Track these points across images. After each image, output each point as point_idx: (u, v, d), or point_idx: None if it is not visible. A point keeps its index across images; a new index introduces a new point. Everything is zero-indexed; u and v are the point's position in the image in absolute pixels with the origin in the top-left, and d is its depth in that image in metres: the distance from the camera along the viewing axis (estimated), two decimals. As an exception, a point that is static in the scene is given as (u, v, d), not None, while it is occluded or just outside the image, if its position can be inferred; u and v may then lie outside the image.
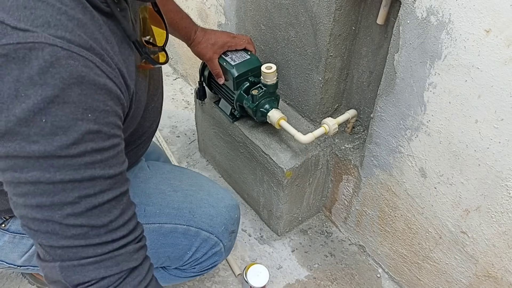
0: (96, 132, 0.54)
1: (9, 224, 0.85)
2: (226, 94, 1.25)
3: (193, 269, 1.01)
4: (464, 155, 0.89)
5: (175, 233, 0.94)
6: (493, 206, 0.89)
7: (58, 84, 0.50)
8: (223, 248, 1.00)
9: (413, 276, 1.21)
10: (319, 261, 1.34)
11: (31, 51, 0.49)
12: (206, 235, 0.97)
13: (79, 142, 0.53)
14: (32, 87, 0.50)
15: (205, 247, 0.98)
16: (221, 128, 1.37)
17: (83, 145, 0.53)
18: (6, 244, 0.86)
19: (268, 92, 1.14)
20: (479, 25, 0.74)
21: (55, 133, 0.51)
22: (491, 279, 0.98)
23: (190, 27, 1.14)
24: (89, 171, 0.55)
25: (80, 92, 0.52)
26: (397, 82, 0.95)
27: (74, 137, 0.52)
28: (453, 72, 0.83)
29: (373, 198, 1.20)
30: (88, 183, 0.55)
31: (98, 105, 0.54)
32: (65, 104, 0.51)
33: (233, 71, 1.14)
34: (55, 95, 0.50)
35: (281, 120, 1.13)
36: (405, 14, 0.86)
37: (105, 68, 0.55)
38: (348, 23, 1.06)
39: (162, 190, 0.96)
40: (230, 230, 1.01)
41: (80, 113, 0.52)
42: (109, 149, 0.57)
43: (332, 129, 1.12)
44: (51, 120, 0.51)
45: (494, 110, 0.79)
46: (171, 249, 0.95)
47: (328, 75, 1.15)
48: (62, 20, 0.52)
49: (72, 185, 0.54)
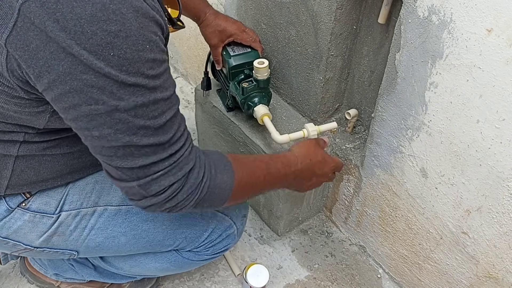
0: (153, 60, 0.61)
1: (29, 203, 0.86)
2: (223, 83, 1.26)
3: (207, 251, 1.04)
4: (466, 155, 0.89)
5: (193, 214, 0.98)
6: (494, 207, 0.88)
7: (119, 19, 0.56)
8: (236, 231, 1.05)
9: (413, 276, 1.20)
10: (319, 261, 1.33)
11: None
12: (222, 216, 1.02)
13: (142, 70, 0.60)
14: (97, 23, 0.55)
15: (220, 229, 1.02)
16: (221, 128, 1.37)
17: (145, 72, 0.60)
18: (25, 224, 0.87)
19: (258, 87, 1.14)
20: (481, 25, 0.74)
21: (122, 64, 0.58)
22: (492, 279, 0.98)
23: (199, 8, 1.13)
24: (153, 95, 0.62)
25: (138, 26, 0.58)
26: (398, 82, 0.95)
27: (138, 66, 0.59)
28: (454, 71, 0.82)
29: (373, 198, 1.20)
30: (153, 106, 0.63)
31: (151, 36, 0.60)
32: (127, 37, 0.57)
33: (230, 61, 1.15)
34: (118, 29, 0.56)
35: (265, 117, 1.12)
36: (406, 13, 0.86)
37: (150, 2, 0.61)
38: (349, 22, 1.06)
39: None
40: (242, 213, 1.07)
41: (141, 45, 0.58)
42: (164, 72, 0.64)
43: (311, 135, 1.11)
44: (118, 53, 0.57)
45: (496, 110, 0.79)
46: (188, 229, 0.99)
47: (329, 75, 1.14)
48: None
49: (142, 109, 0.62)
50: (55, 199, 0.88)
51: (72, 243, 0.93)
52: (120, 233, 0.94)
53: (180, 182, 0.71)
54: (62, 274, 1.15)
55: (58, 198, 0.88)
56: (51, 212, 0.88)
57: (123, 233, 0.94)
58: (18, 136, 0.76)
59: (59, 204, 0.88)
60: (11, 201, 0.85)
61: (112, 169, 0.68)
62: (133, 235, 0.95)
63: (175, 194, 0.71)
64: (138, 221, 0.95)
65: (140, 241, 0.97)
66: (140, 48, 0.58)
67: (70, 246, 0.93)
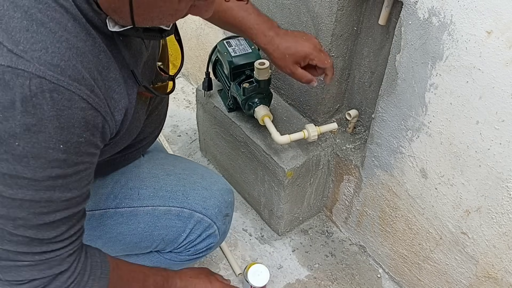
0: (63, 160, 0.57)
1: None
2: (224, 83, 1.27)
3: (188, 252, 1.02)
4: (465, 156, 0.89)
5: (169, 215, 0.96)
6: (493, 207, 0.89)
7: (37, 114, 0.52)
8: (217, 231, 1.02)
9: (413, 276, 1.21)
10: (319, 261, 1.34)
11: (18, 77, 0.51)
12: (200, 216, 0.98)
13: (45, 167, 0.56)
14: (12, 111, 0.51)
15: (199, 229, 0.99)
16: (222, 128, 1.37)
17: (48, 170, 0.56)
18: None
19: (259, 88, 1.14)
20: (481, 27, 0.74)
21: (25, 156, 0.54)
22: (491, 280, 0.98)
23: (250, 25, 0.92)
24: (49, 193, 0.58)
25: (57, 125, 0.54)
26: (398, 83, 0.95)
27: (42, 163, 0.55)
28: (454, 73, 0.83)
29: (374, 199, 1.21)
30: (45, 203, 0.59)
31: (72, 137, 0.56)
32: (40, 133, 0.53)
33: (231, 62, 1.15)
34: (33, 123, 0.52)
35: (265, 117, 1.13)
36: (407, 15, 0.86)
37: (92, 100, 0.57)
38: (350, 23, 1.06)
39: (155, 174, 0.98)
40: (224, 213, 1.02)
41: (53, 143, 0.54)
42: (72, 175, 0.60)
43: (311, 135, 1.12)
44: (23, 144, 0.53)
45: (495, 111, 0.79)
46: (165, 231, 0.97)
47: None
48: (60, 48, 0.53)
49: (30, 203, 0.57)
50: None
51: None
52: (95, 237, 0.93)
53: (43, 280, 0.65)
54: None
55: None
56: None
57: (98, 236, 0.93)
58: None
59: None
60: None
61: None
62: (109, 238, 0.94)
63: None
64: (113, 224, 0.94)
65: (117, 244, 0.96)
66: (51, 146, 0.55)
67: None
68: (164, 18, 0.60)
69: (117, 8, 0.57)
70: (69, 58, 0.54)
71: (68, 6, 0.55)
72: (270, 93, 1.18)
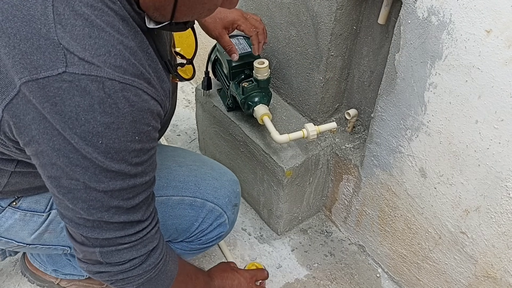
0: (139, 149, 0.64)
1: (20, 202, 0.88)
2: (223, 83, 1.27)
3: (199, 241, 1.05)
4: (464, 155, 0.89)
5: (182, 205, 0.99)
6: (492, 207, 0.89)
7: (114, 113, 0.58)
8: (227, 220, 1.05)
9: (412, 276, 1.21)
10: (318, 260, 1.34)
11: (93, 83, 0.57)
12: (212, 206, 1.02)
13: (127, 158, 0.63)
14: (92, 113, 0.57)
15: (210, 218, 1.02)
16: (221, 127, 1.37)
17: (129, 160, 0.63)
18: (16, 222, 0.89)
19: (258, 87, 1.14)
20: (480, 26, 0.74)
21: (109, 152, 0.60)
22: (490, 279, 0.98)
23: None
24: (132, 180, 0.65)
25: (131, 120, 0.60)
26: (397, 82, 0.95)
27: (123, 155, 0.62)
28: (453, 72, 0.83)
29: (373, 198, 1.21)
30: (130, 189, 0.66)
31: (143, 128, 0.63)
32: (118, 129, 0.60)
33: (230, 61, 1.16)
34: (111, 121, 0.59)
35: (265, 116, 1.13)
36: (406, 14, 0.86)
37: (151, 91, 0.63)
38: (349, 22, 1.06)
39: (167, 165, 1.02)
40: (233, 203, 1.07)
41: (130, 136, 0.61)
42: (148, 160, 0.67)
43: (311, 135, 1.12)
44: (106, 142, 0.59)
45: (494, 111, 0.79)
46: (178, 220, 1.00)
47: (329, 75, 1.15)
48: (120, 49, 0.59)
49: (119, 192, 0.65)
50: (45, 197, 0.89)
51: (64, 239, 0.94)
52: None
53: (141, 258, 0.74)
54: (60, 270, 1.16)
55: (48, 197, 0.89)
56: (42, 211, 0.89)
57: None
58: (15, 157, 0.76)
59: (49, 202, 0.89)
60: (2, 201, 0.86)
61: (77, 235, 0.70)
62: None
63: (132, 268, 0.74)
64: None
65: None
66: (129, 139, 0.61)
67: (62, 242, 0.95)
68: (203, 13, 0.67)
69: (161, 6, 0.63)
70: (128, 57, 0.60)
71: (117, 9, 0.61)
72: (270, 92, 1.18)
